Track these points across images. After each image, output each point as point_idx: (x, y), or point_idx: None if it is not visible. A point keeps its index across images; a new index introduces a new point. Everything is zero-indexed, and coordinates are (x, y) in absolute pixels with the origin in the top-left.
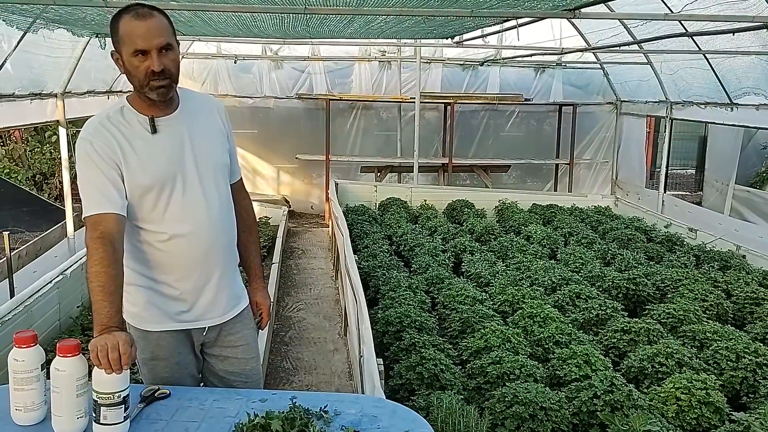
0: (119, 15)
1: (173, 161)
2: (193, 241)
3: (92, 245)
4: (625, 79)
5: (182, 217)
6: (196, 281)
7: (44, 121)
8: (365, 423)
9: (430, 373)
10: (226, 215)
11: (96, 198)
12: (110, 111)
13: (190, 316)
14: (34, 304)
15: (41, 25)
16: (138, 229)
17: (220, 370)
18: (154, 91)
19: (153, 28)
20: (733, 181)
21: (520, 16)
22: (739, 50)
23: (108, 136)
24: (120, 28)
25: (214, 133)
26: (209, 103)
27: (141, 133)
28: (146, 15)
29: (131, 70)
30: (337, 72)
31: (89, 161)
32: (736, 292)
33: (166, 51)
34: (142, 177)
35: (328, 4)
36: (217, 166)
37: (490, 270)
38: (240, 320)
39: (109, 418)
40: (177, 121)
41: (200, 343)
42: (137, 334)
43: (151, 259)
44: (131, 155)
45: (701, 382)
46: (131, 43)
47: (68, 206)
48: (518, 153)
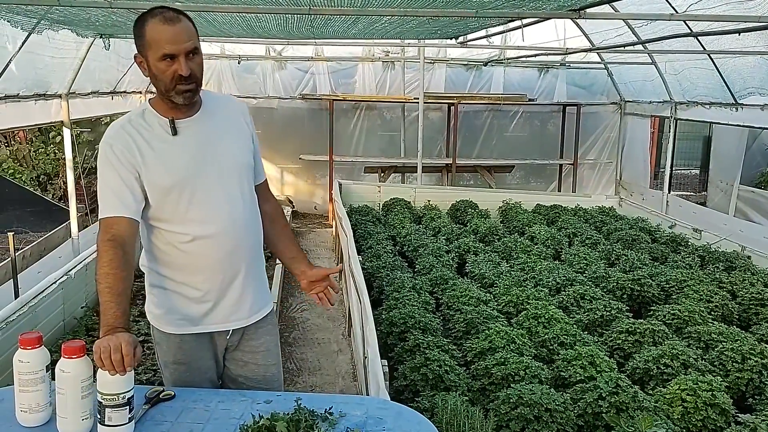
0: (145, 18)
1: (194, 163)
2: (217, 242)
3: (103, 247)
4: (629, 79)
5: (204, 218)
6: (220, 283)
7: (48, 121)
8: (370, 425)
9: (434, 374)
10: (250, 216)
11: (111, 201)
12: (132, 114)
13: (214, 318)
14: (38, 304)
15: (45, 26)
16: (161, 230)
17: (239, 376)
18: (180, 95)
19: (181, 33)
20: (737, 182)
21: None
22: (744, 50)
23: (128, 139)
24: (146, 31)
25: (236, 134)
26: (232, 105)
27: (161, 135)
28: (174, 19)
29: (157, 74)
30: (341, 72)
31: (108, 164)
32: (742, 293)
33: (192, 55)
34: (162, 178)
35: (332, 5)
36: (240, 167)
37: (495, 271)
38: (263, 325)
39: (114, 420)
40: (198, 123)
41: (223, 348)
42: (160, 336)
43: (174, 260)
44: (151, 157)
45: (707, 384)
46: (159, 47)
47: (72, 207)
48: (522, 153)
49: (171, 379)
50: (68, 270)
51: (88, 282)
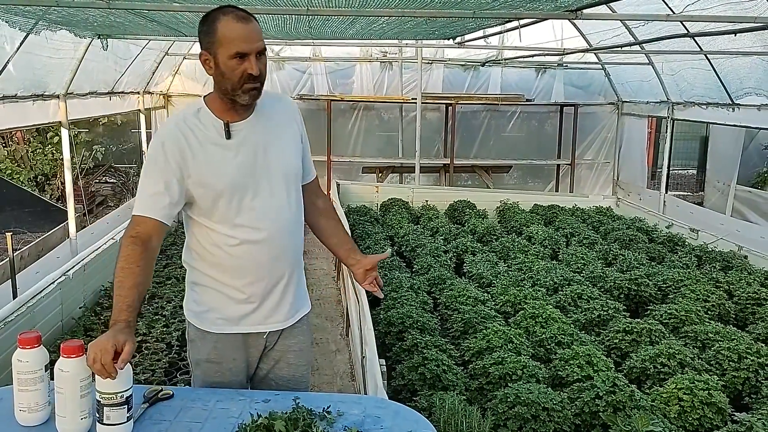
0: (216, 16)
1: (245, 168)
2: (263, 247)
3: (125, 242)
4: (626, 79)
5: (253, 223)
6: (264, 287)
7: (46, 122)
8: (368, 424)
9: (432, 373)
10: (295, 222)
11: (145, 200)
12: (187, 113)
13: (253, 320)
14: (36, 305)
15: (43, 26)
16: (210, 231)
17: (269, 374)
18: (247, 94)
19: (254, 32)
20: (734, 182)
21: (522, 17)
22: (741, 51)
23: (181, 138)
24: (218, 28)
25: (287, 139)
26: (284, 105)
27: (215, 137)
28: (247, 18)
29: (226, 72)
30: (339, 73)
31: (155, 162)
32: (738, 293)
33: (261, 55)
34: (214, 182)
35: (330, 6)
36: (289, 173)
37: (492, 270)
38: (298, 326)
39: (113, 419)
40: (251, 127)
41: (259, 350)
42: (197, 334)
43: (220, 262)
44: (203, 160)
45: (703, 383)
46: (232, 45)
47: (70, 207)
48: (519, 153)
49: (201, 378)
50: (66, 270)
51: (86, 282)
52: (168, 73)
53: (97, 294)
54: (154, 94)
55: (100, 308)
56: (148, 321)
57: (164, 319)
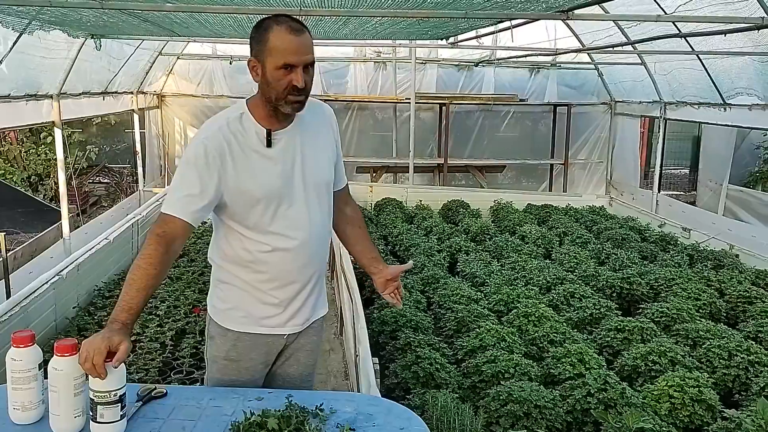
0: (269, 25)
1: (284, 178)
2: (294, 255)
3: (150, 239)
4: (619, 79)
5: (286, 231)
6: (290, 291)
7: (40, 122)
8: (361, 421)
9: (425, 372)
10: (325, 230)
11: (178, 200)
12: (230, 117)
13: (275, 321)
14: (30, 304)
15: (37, 26)
16: (242, 236)
17: (279, 371)
18: (290, 105)
19: (305, 45)
20: (726, 181)
21: (513, 18)
22: (732, 51)
23: (223, 142)
24: (270, 38)
25: (323, 148)
26: (322, 113)
27: (256, 144)
28: (300, 30)
29: (272, 81)
30: (333, 72)
31: (194, 163)
32: (729, 291)
33: (309, 68)
34: (252, 189)
35: (323, 6)
36: (323, 182)
37: (485, 270)
38: (313, 326)
39: (106, 417)
40: (291, 136)
41: (278, 350)
42: (217, 330)
43: (251, 267)
44: (244, 166)
45: (694, 380)
46: (281, 56)
47: (64, 207)
48: (513, 153)
49: (218, 375)
50: (60, 270)
51: (80, 282)
52: (161, 73)
53: (91, 294)
54: (147, 94)
55: (94, 308)
56: (142, 320)
57: (158, 318)
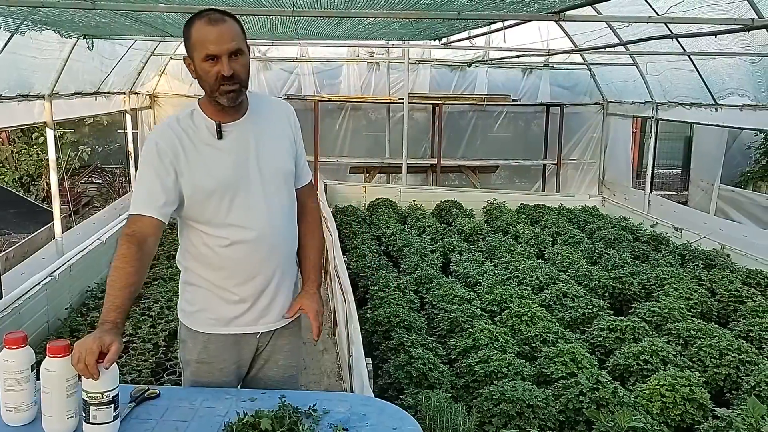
0: (192, 21)
1: (237, 168)
2: (254, 247)
3: (121, 241)
4: (611, 79)
5: (244, 223)
6: (254, 287)
7: (32, 122)
8: (354, 421)
9: (418, 372)
10: (288, 222)
11: (142, 199)
12: (181, 114)
13: (244, 320)
14: (22, 306)
15: (28, 26)
16: (200, 232)
17: (258, 374)
18: (224, 96)
19: (224, 33)
20: (718, 181)
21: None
22: (723, 52)
23: (174, 139)
24: (192, 33)
25: (280, 140)
26: (279, 108)
27: (208, 138)
28: (218, 20)
29: (202, 74)
30: (326, 73)
31: (149, 162)
32: (720, 291)
33: (236, 56)
34: (206, 181)
35: (316, 7)
36: (282, 173)
37: (479, 270)
38: (290, 327)
39: (99, 418)
40: (244, 127)
41: (252, 351)
42: (188, 334)
43: (211, 262)
44: (196, 159)
45: (685, 379)
46: (203, 48)
47: (56, 208)
48: (506, 153)
49: (191, 379)
50: (52, 271)
51: (72, 283)
52: (154, 73)
53: (83, 295)
54: (140, 94)
55: (86, 309)
56: (134, 321)
57: (151, 319)
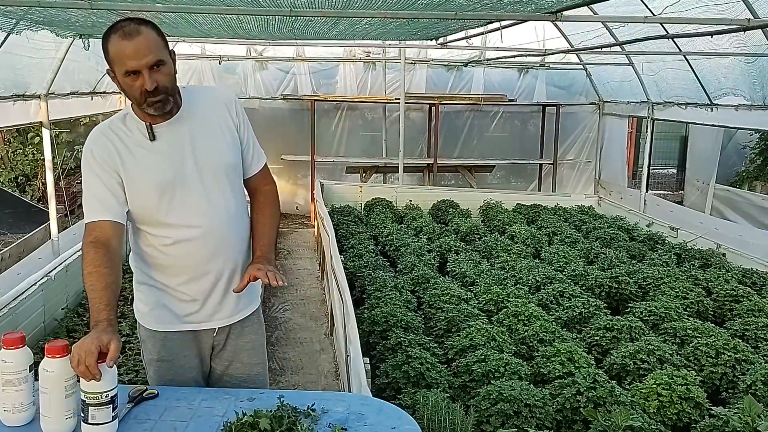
0: (108, 35)
1: (172, 167)
2: (198, 245)
3: (85, 249)
4: (607, 79)
5: (184, 222)
6: (203, 284)
7: (27, 122)
8: (352, 420)
9: (416, 371)
10: (235, 216)
11: (94, 206)
12: (114, 119)
13: (199, 317)
14: (18, 306)
15: (24, 26)
16: (143, 233)
17: (224, 374)
18: (152, 107)
19: (141, 47)
20: (713, 181)
21: (503, 19)
22: (719, 52)
23: (108, 143)
24: (109, 48)
25: (219, 132)
26: (215, 98)
27: (141, 140)
28: (133, 33)
29: (126, 89)
30: (322, 73)
31: (90, 169)
32: (717, 290)
33: (157, 67)
34: (142, 184)
35: (313, 7)
36: (222, 167)
37: (475, 269)
38: (248, 324)
39: (98, 418)
40: (177, 126)
41: (209, 348)
42: (145, 333)
43: (157, 262)
44: (131, 162)
45: (682, 378)
46: (121, 63)
47: (52, 208)
48: (502, 153)
49: (155, 378)
50: (48, 271)
51: (69, 283)
52: None
53: (80, 295)
54: None
55: (83, 309)
56: (131, 322)
57: None
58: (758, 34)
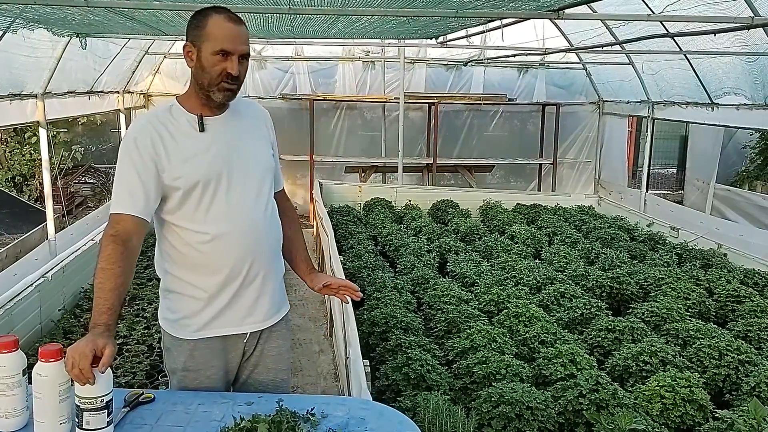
0: (208, 12)
1: (219, 160)
2: (236, 241)
3: (105, 242)
4: (607, 79)
5: (226, 217)
6: (237, 284)
7: (24, 122)
8: (353, 425)
9: (416, 373)
10: (271, 219)
11: (123, 197)
12: (159, 109)
13: (227, 321)
14: (14, 307)
15: (21, 25)
16: (180, 230)
17: (248, 379)
18: (222, 93)
19: (242, 35)
20: (713, 180)
21: (504, 17)
22: (720, 51)
23: (153, 133)
24: (209, 23)
25: (260, 138)
26: (258, 111)
27: (188, 131)
28: (239, 21)
29: (207, 66)
30: (321, 72)
31: (128, 158)
32: (718, 290)
33: (243, 60)
34: (188, 174)
35: (312, 5)
36: (264, 169)
37: (475, 270)
38: (277, 329)
39: (92, 423)
40: (225, 122)
41: (239, 355)
42: (171, 342)
43: (192, 262)
44: (176, 153)
45: (685, 380)
46: (218, 41)
47: (49, 208)
48: (502, 153)
49: (178, 387)
50: (45, 272)
51: (66, 284)
52: (148, 72)
53: (77, 296)
54: (134, 94)
55: (80, 310)
56: (128, 323)
57: (145, 320)
58: (759, 32)
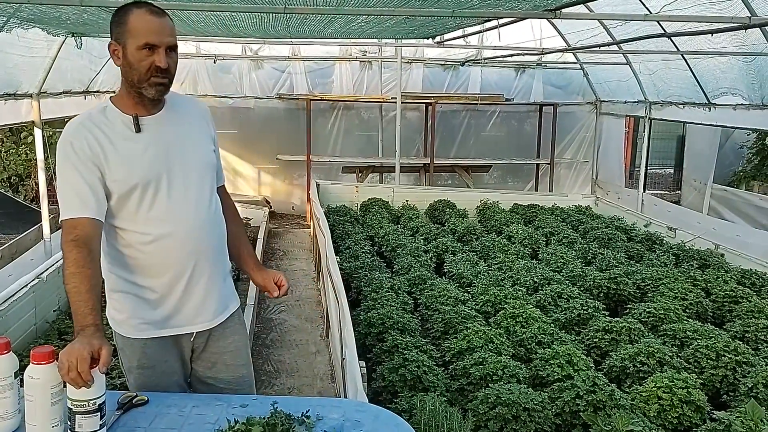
0: (129, 8)
1: (158, 160)
2: (179, 241)
3: (66, 248)
4: (604, 79)
5: (167, 217)
6: (183, 284)
7: (19, 122)
8: (348, 428)
9: (412, 374)
10: (214, 217)
11: (73, 201)
12: (93, 111)
13: (177, 321)
14: (9, 308)
15: (15, 24)
16: (121, 231)
17: (208, 378)
18: (153, 87)
19: (167, 27)
20: (711, 180)
21: (501, 17)
22: (717, 51)
23: (89, 136)
24: (130, 19)
25: (200, 135)
26: (195, 106)
27: (124, 132)
28: (161, 13)
29: (134, 62)
30: (318, 72)
31: (68, 163)
32: (715, 291)
33: (171, 52)
34: (126, 176)
35: (308, 4)
36: (205, 166)
37: (472, 270)
38: (230, 325)
39: (85, 426)
40: (162, 121)
41: (189, 351)
42: (123, 342)
43: (135, 263)
44: (113, 155)
45: (682, 381)
46: (141, 36)
47: (44, 208)
48: (499, 153)
49: (136, 384)
50: (40, 273)
51: (61, 285)
52: None
53: None
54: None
55: None
56: None
57: None
58: (756, 33)
